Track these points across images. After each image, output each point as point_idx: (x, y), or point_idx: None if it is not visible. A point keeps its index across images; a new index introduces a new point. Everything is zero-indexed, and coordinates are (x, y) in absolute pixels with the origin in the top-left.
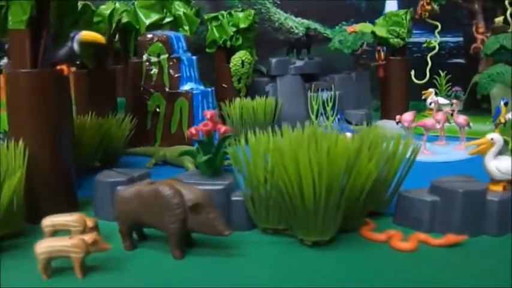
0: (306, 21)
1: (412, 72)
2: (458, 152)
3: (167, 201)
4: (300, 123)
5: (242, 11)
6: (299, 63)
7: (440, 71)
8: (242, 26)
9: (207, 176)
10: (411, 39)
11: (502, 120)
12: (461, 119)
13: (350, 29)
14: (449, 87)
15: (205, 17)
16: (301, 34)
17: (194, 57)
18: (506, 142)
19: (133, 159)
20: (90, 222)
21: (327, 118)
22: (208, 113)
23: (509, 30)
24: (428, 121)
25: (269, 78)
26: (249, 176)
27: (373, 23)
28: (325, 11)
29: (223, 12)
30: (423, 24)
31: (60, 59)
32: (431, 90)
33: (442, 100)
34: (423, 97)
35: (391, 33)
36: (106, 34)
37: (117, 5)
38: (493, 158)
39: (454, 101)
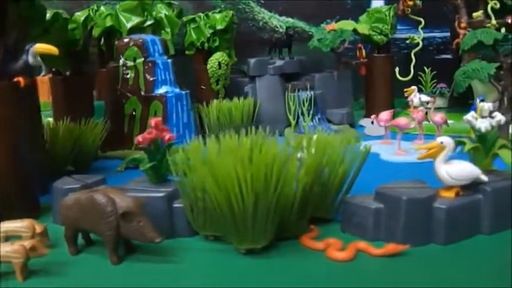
0: (290, 19)
1: (397, 69)
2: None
3: (102, 209)
4: (279, 124)
5: (220, 12)
6: (279, 63)
7: (425, 68)
8: (219, 27)
9: (152, 183)
10: (399, 36)
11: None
12: (438, 117)
13: (329, 27)
14: (435, 84)
15: (184, 19)
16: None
17: (169, 61)
18: (462, 143)
19: (107, 163)
20: (39, 228)
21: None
22: (153, 121)
23: (489, 24)
24: (402, 120)
25: (248, 78)
26: (187, 183)
27: (357, 20)
28: (310, 9)
29: (200, 14)
30: (410, 20)
31: (17, 71)
32: (413, 87)
33: (424, 97)
34: (405, 94)
35: (374, 30)
36: (81, 40)
37: (102, 8)
38: (444, 162)
39: (430, 98)
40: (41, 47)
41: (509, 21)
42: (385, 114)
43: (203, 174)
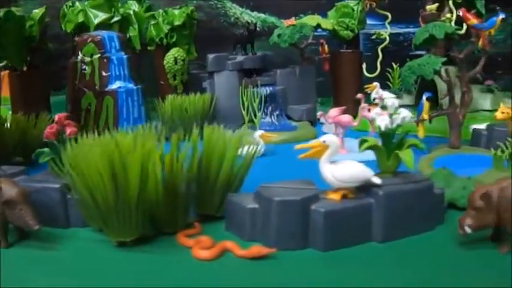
0: (262, 15)
1: (364, 66)
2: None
3: None
4: (237, 120)
5: (180, 8)
6: (239, 58)
7: (393, 64)
8: (177, 23)
9: (55, 175)
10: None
11: (426, 117)
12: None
13: (287, 22)
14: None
15: (145, 15)
16: (258, 28)
17: (125, 57)
18: (365, 142)
19: None
20: None
21: (264, 114)
22: (57, 116)
23: (443, 18)
24: (344, 117)
25: (208, 74)
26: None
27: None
28: (282, 3)
29: (160, 10)
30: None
31: None
32: (375, 84)
33: (387, 94)
34: (367, 91)
35: (341, 25)
36: (37, 36)
37: (77, 4)
38: (328, 163)
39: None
40: None
41: (461, 13)
42: (334, 111)
43: (72, 167)
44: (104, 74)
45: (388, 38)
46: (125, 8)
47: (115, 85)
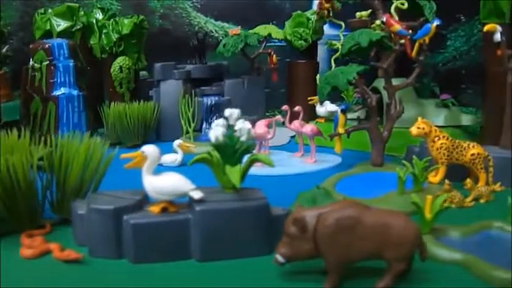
0: (226, 24)
1: (318, 76)
2: (301, 164)
3: None
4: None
5: (131, 17)
6: (188, 67)
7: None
8: (125, 32)
9: None
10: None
11: (341, 131)
12: (309, 128)
13: (232, 31)
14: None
15: (99, 24)
16: (220, 38)
17: (71, 64)
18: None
19: None
20: None
21: (208, 124)
22: None
23: (373, 25)
24: (259, 129)
25: (156, 82)
26: None
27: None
28: (246, 12)
29: (111, 20)
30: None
31: None
32: (317, 96)
33: (330, 107)
34: (310, 103)
35: (295, 35)
36: None
37: (50, 11)
38: (149, 173)
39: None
40: None
41: (384, 19)
42: (259, 125)
43: None
44: (50, 80)
45: (340, 48)
46: (88, 17)
47: (59, 91)
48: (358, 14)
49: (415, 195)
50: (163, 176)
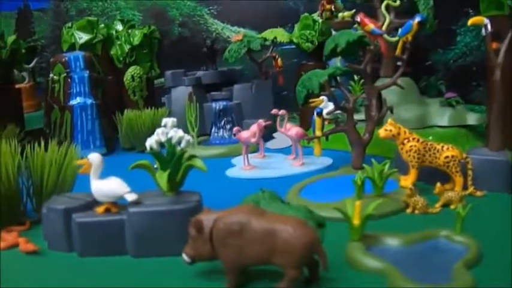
0: (242, 29)
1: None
2: (289, 167)
3: None
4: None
5: (143, 28)
6: (198, 74)
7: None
8: (135, 43)
9: None
10: None
11: (319, 134)
12: (294, 131)
13: (235, 37)
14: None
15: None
16: None
17: (86, 75)
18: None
19: None
20: None
21: (217, 128)
22: None
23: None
24: (244, 133)
25: (168, 89)
26: None
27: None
28: (262, 17)
29: (125, 31)
30: None
31: None
32: (322, 98)
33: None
34: (312, 105)
35: (302, 38)
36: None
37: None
38: (95, 178)
39: (282, 111)
40: None
41: (358, 19)
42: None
43: None
44: (67, 91)
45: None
46: (108, 28)
47: (75, 101)
48: (340, 14)
49: (359, 202)
50: (105, 181)
